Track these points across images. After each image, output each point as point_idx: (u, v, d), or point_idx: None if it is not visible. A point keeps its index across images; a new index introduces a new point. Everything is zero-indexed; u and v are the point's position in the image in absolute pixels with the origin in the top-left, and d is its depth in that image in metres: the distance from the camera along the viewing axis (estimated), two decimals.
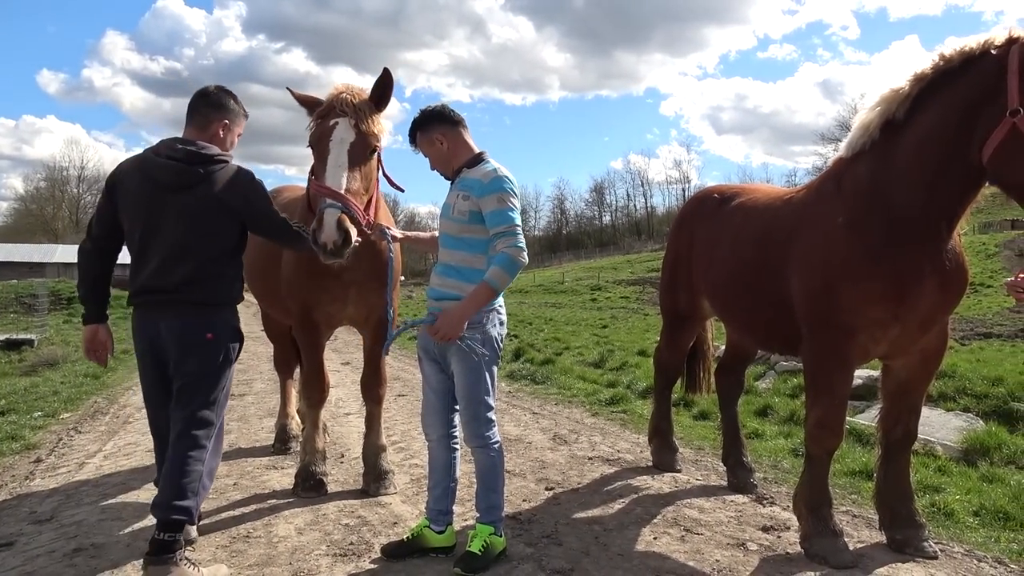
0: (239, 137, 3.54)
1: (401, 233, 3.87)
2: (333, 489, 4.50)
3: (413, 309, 22.78)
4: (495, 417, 3.41)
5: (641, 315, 22.63)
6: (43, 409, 7.49)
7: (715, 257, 4.23)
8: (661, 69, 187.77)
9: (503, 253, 3.20)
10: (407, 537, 3.50)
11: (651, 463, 5.05)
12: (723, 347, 5.14)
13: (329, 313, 4.35)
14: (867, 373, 6.54)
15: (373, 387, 4.50)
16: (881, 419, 3.71)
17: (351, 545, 3.63)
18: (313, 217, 3.57)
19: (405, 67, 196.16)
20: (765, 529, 3.84)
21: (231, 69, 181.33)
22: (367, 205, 3.74)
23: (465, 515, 3.91)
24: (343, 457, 5.33)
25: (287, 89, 4.00)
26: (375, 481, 4.45)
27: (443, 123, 3.42)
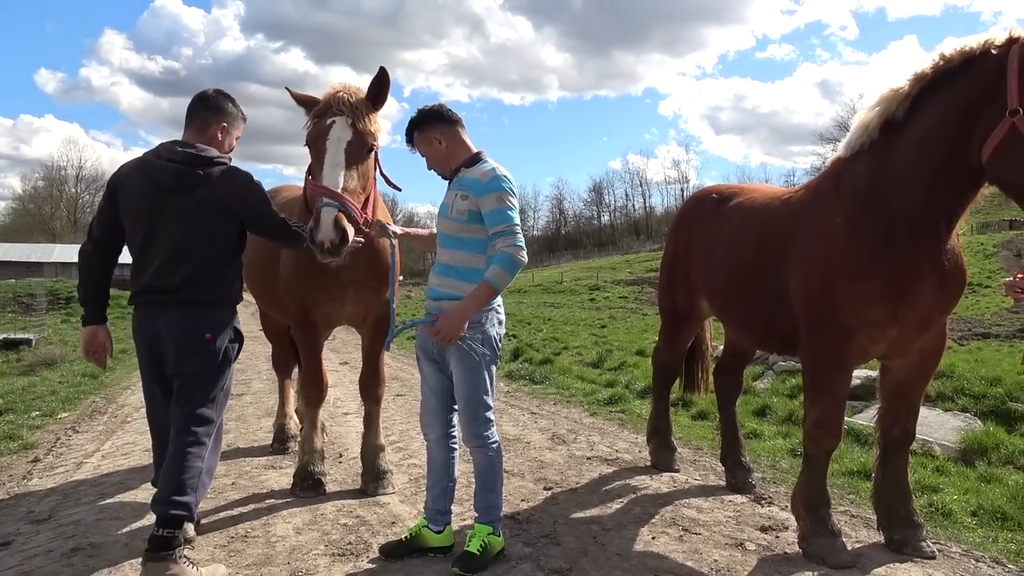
0: (237, 139, 3.57)
1: (401, 229, 3.87)
2: (331, 489, 4.50)
3: (412, 309, 22.77)
4: (494, 417, 3.41)
5: (640, 315, 22.64)
6: (41, 409, 7.48)
7: (713, 257, 4.23)
8: (660, 69, 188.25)
9: (503, 252, 3.19)
10: (405, 537, 3.49)
11: (649, 463, 5.05)
12: (721, 347, 5.14)
13: (327, 312, 4.35)
14: (865, 373, 6.54)
15: (371, 387, 4.49)
16: (879, 419, 3.71)
17: (349, 545, 3.63)
18: (311, 216, 3.57)
19: (403, 67, 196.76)
20: (763, 529, 3.84)
21: (229, 68, 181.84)
22: (364, 204, 3.74)
23: (463, 515, 3.91)
24: (341, 457, 5.33)
25: (286, 89, 4.01)
26: (373, 481, 4.44)
27: (440, 122, 3.41)
